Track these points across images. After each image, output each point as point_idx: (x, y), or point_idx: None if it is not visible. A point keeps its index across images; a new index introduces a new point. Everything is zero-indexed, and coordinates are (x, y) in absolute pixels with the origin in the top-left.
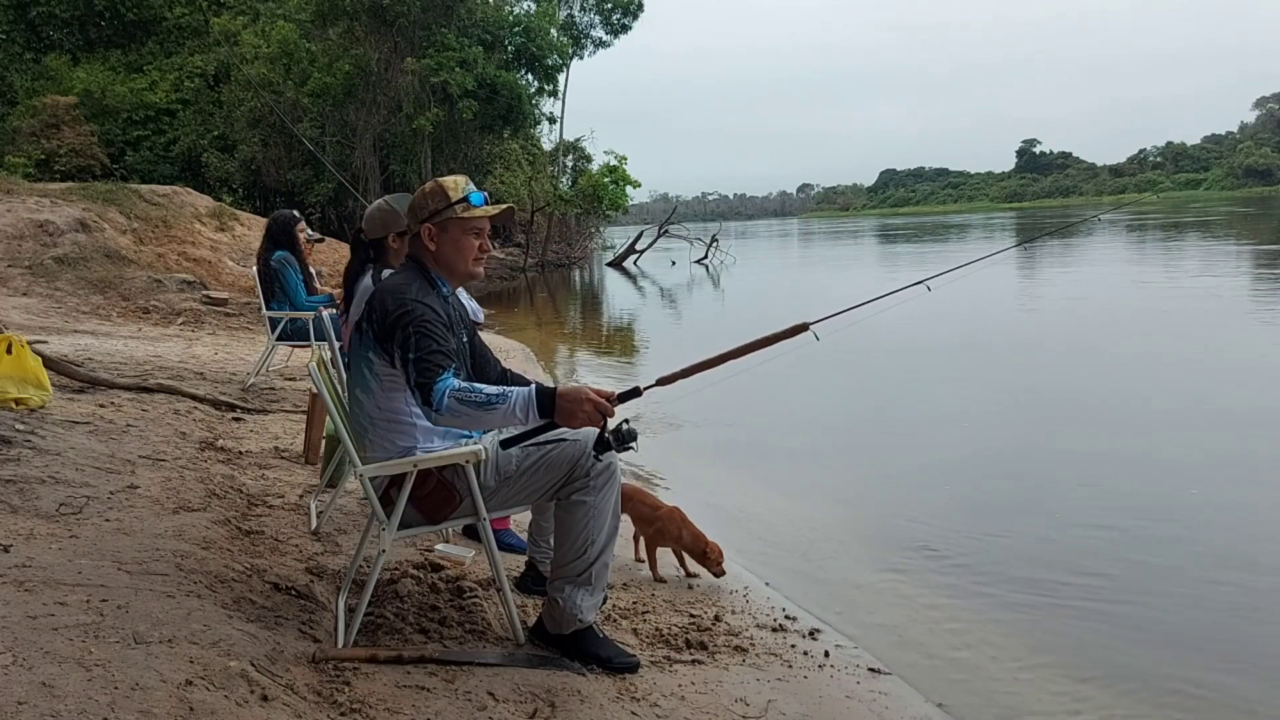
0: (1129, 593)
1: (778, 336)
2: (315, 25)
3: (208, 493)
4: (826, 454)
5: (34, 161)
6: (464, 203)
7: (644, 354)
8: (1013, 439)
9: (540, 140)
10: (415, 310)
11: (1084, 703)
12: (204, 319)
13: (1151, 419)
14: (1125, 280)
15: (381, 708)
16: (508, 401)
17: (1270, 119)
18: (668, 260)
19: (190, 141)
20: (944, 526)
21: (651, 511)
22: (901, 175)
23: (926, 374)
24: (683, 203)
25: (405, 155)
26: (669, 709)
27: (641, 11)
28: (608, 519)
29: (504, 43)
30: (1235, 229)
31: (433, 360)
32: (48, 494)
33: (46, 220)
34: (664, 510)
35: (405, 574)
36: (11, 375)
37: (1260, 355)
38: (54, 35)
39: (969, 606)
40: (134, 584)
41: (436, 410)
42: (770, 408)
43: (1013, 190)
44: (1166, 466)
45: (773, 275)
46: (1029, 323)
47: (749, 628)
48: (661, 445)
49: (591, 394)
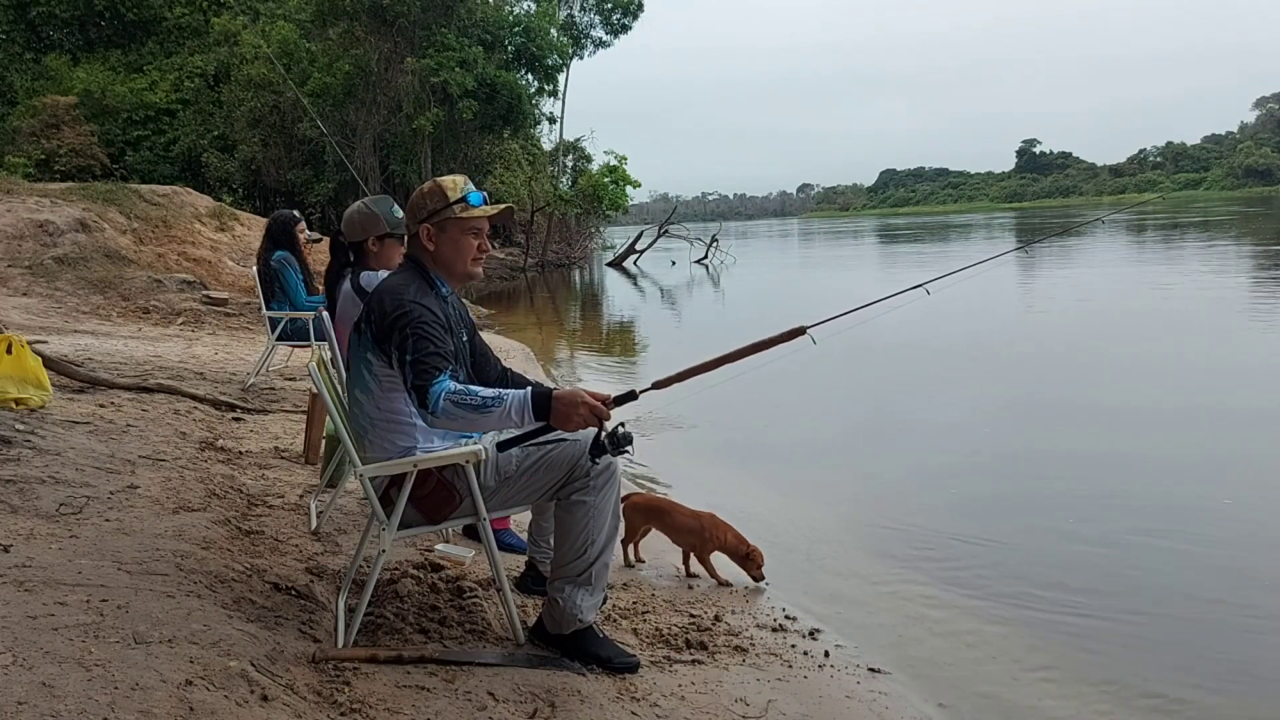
0: (1129, 594)
1: (774, 340)
2: (315, 25)
3: (208, 493)
4: (827, 454)
5: (34, 161)
6: (462, 202)
7: (644, 354)
8: (1014, 440)
9: (540, 140)
10: (413, 312)
11: (1084, 703)
12: (204, 319)
13: (1153, 421)
14: (1126, 281)
15: (381, 708)
16: (503, 404)
17: (1270, 119)
18: (668, 260)
19: (190, 141)
20: (945, 527)
21: (694, 520)
22: (901, 175)
23: (928, 375)
24: (683, 203)
25: (405, 155)
26: (669, 709)
27: (641, 11)
28: (608, 519)
29: (504, 43)
30: (1237, 229)
31: (429, 362)
32: (48, 494)
33: (46, 220)
34: (705, 516)
35: (405, 574)
36: (11, 375)
37: (1263, 357)
38: (54, 35)
39: (969, 607)
40: (134, 584)
41: (432, 413)
42: (771, 408)
43: (1013, 190)
44: (1168, 469)
45: (773, 275)
46: (1031, 324)
47: (749, 628)
48: (662, 446)
49: (587, 397)
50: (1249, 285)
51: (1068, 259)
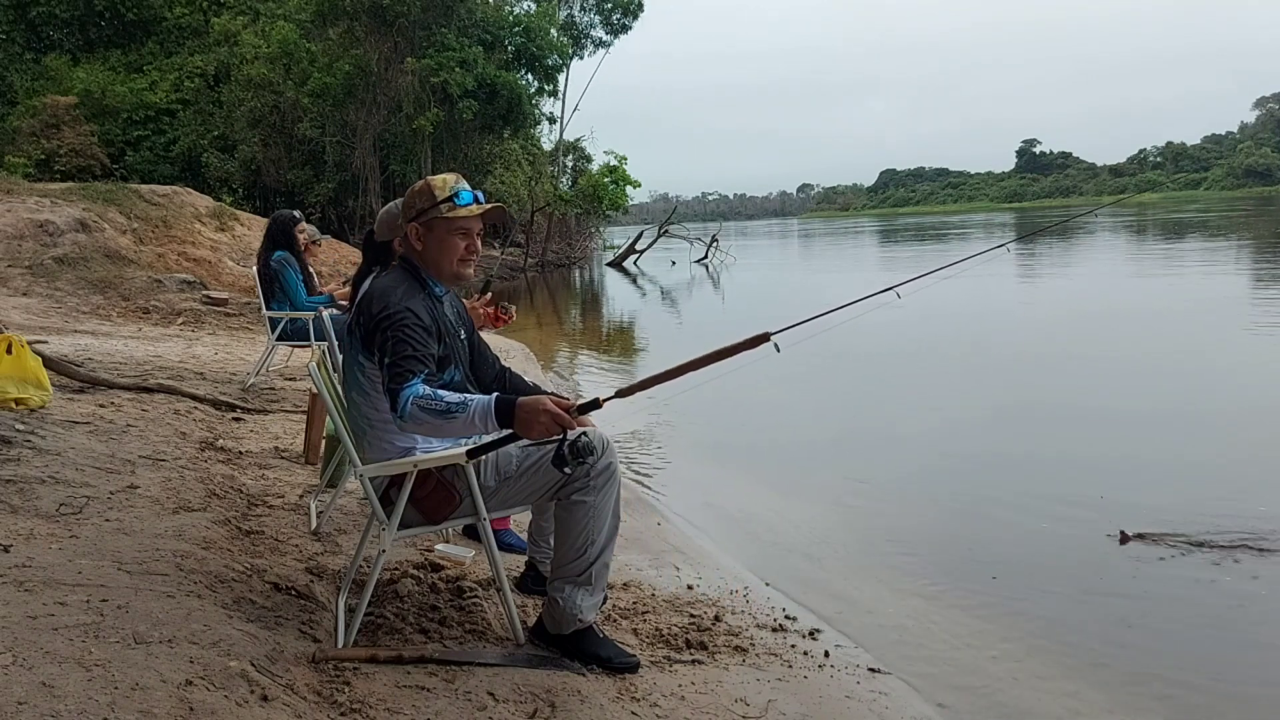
0: (1129, 593)
1: (739, 347)
2: (315, 25)
3: (208, 493)
4: (827, 455)
5: (34, 161)
6: (449, 202)
7: (644, 354)
8: (1015, 440)
9: (540, 140)
10: (396, 314)
11: (1084, 703)
12: (204, 319)
13: (1154, 421)
14: (1128, 281)
15: (381, 708)
16: (467, 411)
17: (1270, 119)
18: (668, 260)
19: (190, 141)
20: (944, 527)
21: None
22: (901, 175)
23: (929, 375)
24: (683, 203)
25: (405, 155)
26: (669, 709)
27: (641, 11)
28: (608, 519)
29: (504, 43)
30: (1237, 229)
31: (404, 365)
32: (48, 494)
33: (46, 220)
34: None
35: (405, 574)
36: (11, 375)
37: (1255, 357)
38: (54, 35)
39: (969, 606)
40: (134, 584)
41: (400, 417)
42: (771, 409)
43: (1013, 190)
44: (1169, 468)
45: (774, 275)
46: (1032, 324)
47: (749, 628)
48: (660, 446)
49: (550, 404)
50: (1243, 286)
51: (1070, 259)
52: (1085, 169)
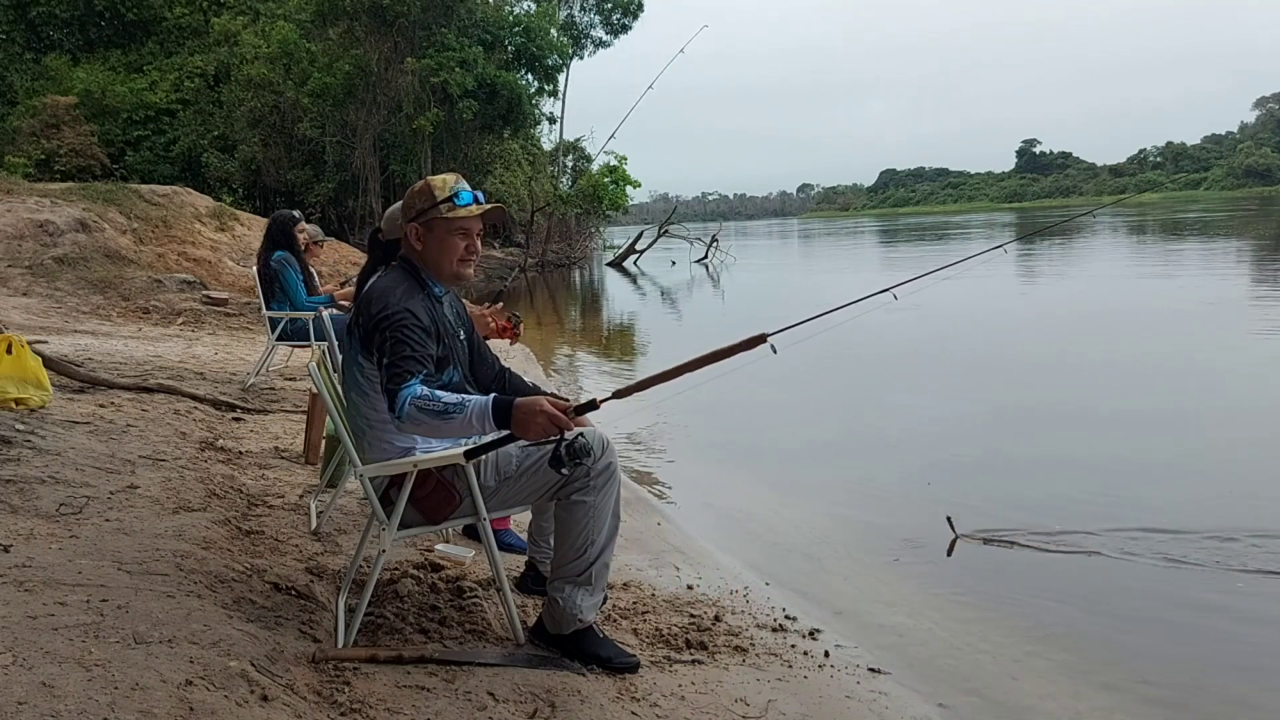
0: (1129, 592)
1: (735, 349)
2: (315, 25)
3: (208, 493)
4: (827, 455)
5: (34, 161)
6: (449, 202)
7: (644, 354)
8: (1014, 440)
9: (540, 140)
10: (394, 315)
11: (1084, 703)
12: (204, 319)
13: (1153, 420)
14: (1128, 281)
15: (381, 708)
16: (465, 411)
17: (1270, 119)
18: (668, 260)
19: (190, 141)
20: (944, 527)
21: None
22: (901, 175)
23: (930, 375)
24: (683, 203)
25: (405, 155)
26: (669, 709)
27: (641, 11)
28: (608, 519)
29: (504, 43)
30: (1238, 229)
31: (402, 366)
32: (48, 494)
33: (46, 220)
34: None
35: (405, 574)
36: (11, 375)
37: (1255, 357)
38: (54, 35)
39: (969, 606)
40: (134, 584)
41: (398, 417)
42: (771, 409)
43: (1013, 190)
44: (1169, 468)
45: (774, 275)
46: (1032, 324)
47: (749, 628)
48: (661, 446)
49: (547, 405)
50: (1250, 285)
51: (1070, 259)
52: (1085, 169)
